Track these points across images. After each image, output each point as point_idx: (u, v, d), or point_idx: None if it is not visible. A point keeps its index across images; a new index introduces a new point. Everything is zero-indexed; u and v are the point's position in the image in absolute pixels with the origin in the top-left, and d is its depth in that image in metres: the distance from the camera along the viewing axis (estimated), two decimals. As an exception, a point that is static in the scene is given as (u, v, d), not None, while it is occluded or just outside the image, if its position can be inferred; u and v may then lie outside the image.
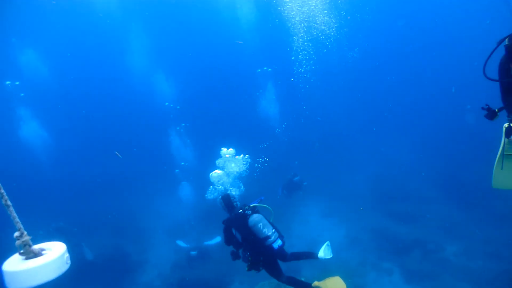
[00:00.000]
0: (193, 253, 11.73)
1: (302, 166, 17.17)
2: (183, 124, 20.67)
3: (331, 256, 5.60)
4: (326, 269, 10.84)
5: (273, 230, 5.27)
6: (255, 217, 5.23)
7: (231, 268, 12.16)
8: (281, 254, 5.40)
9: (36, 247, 2.14)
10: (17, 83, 21.51)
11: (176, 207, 14.84)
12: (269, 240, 5.13)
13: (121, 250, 14.58)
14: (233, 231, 5.46)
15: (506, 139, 4.08)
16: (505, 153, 4.21)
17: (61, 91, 25.32)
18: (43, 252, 2.12)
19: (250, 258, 5.29)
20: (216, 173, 7.05)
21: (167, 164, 19.79)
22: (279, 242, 5.21)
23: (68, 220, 14.34)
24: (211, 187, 7.15)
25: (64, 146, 23.33)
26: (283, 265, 5.78)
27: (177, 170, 18.69)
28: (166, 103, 22.70)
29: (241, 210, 5.44)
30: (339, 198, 15.94)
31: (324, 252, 5.51)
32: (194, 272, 11.75)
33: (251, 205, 5.56)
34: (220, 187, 6.95)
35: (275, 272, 5.47)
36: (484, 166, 14.91)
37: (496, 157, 4.41)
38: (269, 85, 22.42)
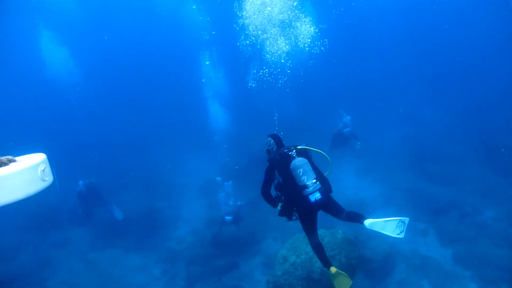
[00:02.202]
0: (228, 218, 11.34)
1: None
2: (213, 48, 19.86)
3: (400, 236, 4.67)
4: (359, 229, 10.79)
5: (314, 180, 4.61)
6: (298, 161, 4.63)
7: (264, 226, 12.30)
8: (322, 207, 4.80)
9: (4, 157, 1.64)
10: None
11: (209, 164, 14.76)
12: (306, 190, 4.55)
13: (153, 206, 14.87)
14: (276, 172, 4.89)
15: None
16: None
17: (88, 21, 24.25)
18: (11, 163, 1.61)
19: (282, 204, 4.83)
20: None
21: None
22: (317, 195, 4.56)
23: (99, 176, 14.48)
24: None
25: (94, 87, 23.07)
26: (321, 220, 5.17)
27: (203, 80, 18.38)
28: (200, 17, 21.35)
29: (286, 150, 4.85)
30: (373, 157, 15.61)
31: (380, 225, 4.62)
32: (228, 230, 11.83)
33: (299, 147, 4.92)
34: None
35: (308, 229, 4.88)
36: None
37: None
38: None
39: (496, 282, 9.07)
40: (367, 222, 4.63)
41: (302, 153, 4.86)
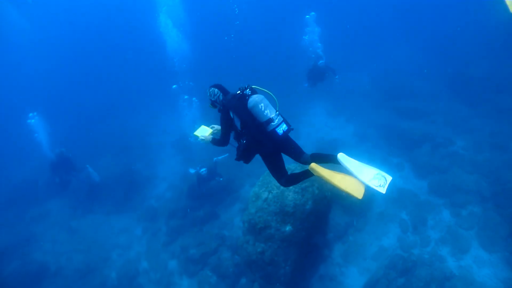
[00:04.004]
0: (203, 170, 11.33)
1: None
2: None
3: (380, 189, 3.87)
4: (332, 166, 10.87)
5: (277, 112, 4.40)
6: (255, 97, 4.38)
7: (240, 174, 12.30)
8: (286, 145, 4.47)
9: None
10: None
11: (181, 121, 14.50)
12: (272, 124, 4.30)
13: (129, 168, 14.76)
14: (231, 115, 4.62)
15: None
16: None
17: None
18: None
19: (243, 147, 4.50)
20: None
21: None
22: (283, 126, 4.33)
23: (70, 145, 14.18)
24: None
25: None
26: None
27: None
28: None
29: (239, 91, 4.60)
30: (344, 97, 15.57)
31: (354, 164, 4.08)
32: (205, 183, 11.81)
33: (252, 86, 4.66)
34: None
35: (277, 169, 4.56)
36: (490, 61, 14.44)
37: None
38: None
39: (465, 205, 9.35)
40: (341, 155, 4.13)
41: (254, 92, 4.67)
